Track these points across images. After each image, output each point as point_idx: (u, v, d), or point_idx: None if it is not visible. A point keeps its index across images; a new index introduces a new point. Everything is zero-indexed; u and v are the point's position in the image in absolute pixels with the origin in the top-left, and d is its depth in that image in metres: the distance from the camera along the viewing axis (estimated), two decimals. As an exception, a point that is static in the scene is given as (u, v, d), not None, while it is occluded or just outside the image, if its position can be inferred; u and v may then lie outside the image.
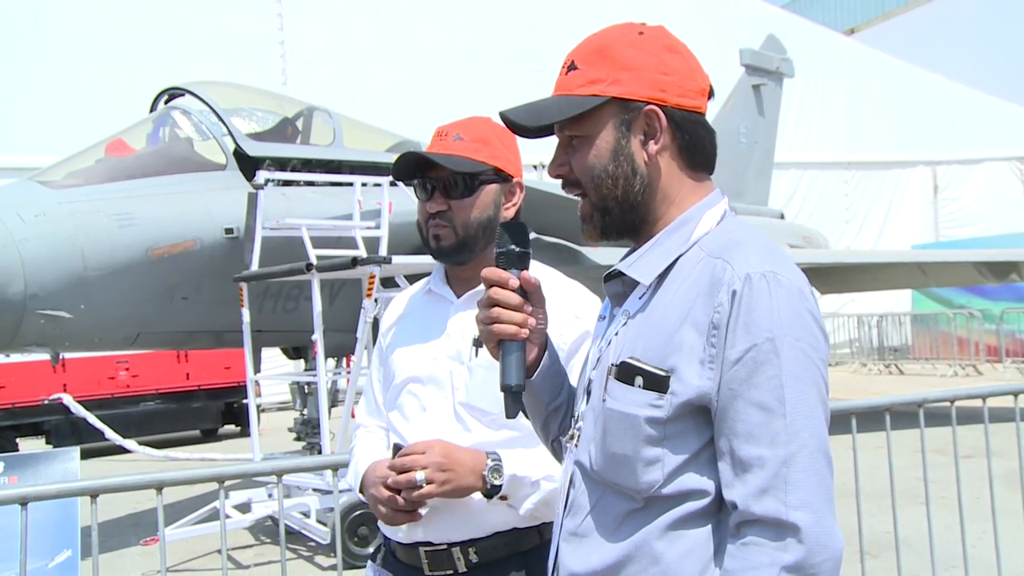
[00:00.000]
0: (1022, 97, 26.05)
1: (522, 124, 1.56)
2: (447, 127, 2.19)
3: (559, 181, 1.63)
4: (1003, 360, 18.00)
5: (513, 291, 1.60)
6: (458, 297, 2.21)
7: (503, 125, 1.60)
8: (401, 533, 2.12)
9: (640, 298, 1.53)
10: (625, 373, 1.46)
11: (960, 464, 4.16)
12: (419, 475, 1.98)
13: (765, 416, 1.36)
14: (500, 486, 2.01)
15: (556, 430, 1.77)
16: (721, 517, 1.43)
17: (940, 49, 27.76)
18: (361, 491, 2.17)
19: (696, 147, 1.55)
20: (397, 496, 2.02)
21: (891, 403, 4.11)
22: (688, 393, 1.40)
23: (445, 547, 2.08)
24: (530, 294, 1.62)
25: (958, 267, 14.13)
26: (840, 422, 4.10)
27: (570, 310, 2.11)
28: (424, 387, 2.16)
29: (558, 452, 1.77)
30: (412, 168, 2.18)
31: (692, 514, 1.43)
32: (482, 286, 1.63)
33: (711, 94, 1.58)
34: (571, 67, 1.56)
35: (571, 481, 1.59)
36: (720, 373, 1.39)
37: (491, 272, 1.61)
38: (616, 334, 1.54)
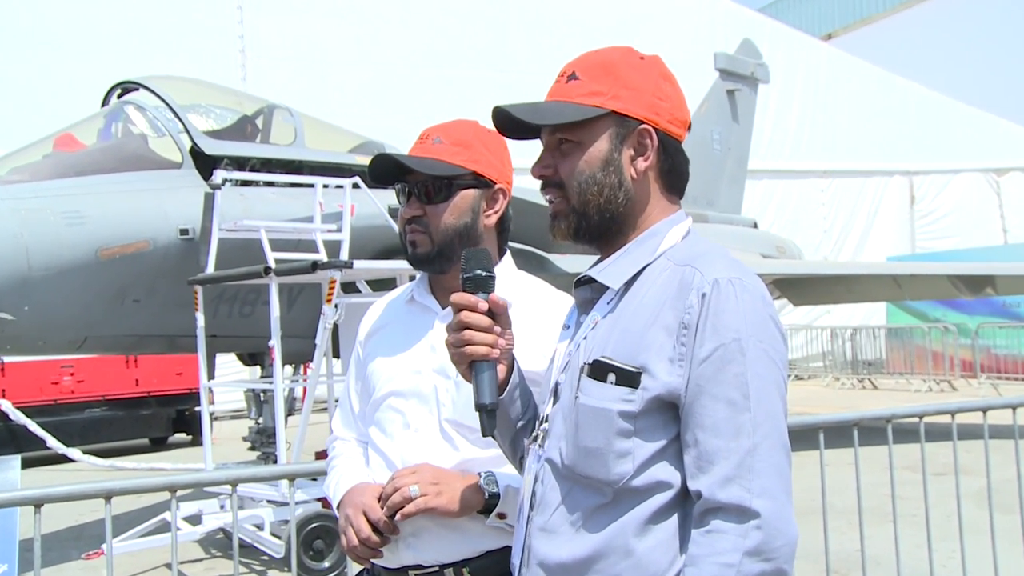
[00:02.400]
0: (1000, 107, 26.56)
1: (523, 121, 1.70)
2: (429, 130, 2.20)
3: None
4: (978, 375, 18.25)
5: (483, 314, 1.72)
6: (443, 308, 2.18)
7: (490, 128, 1.68)
8: (387, 558, 2.09)
9: (608, 303, 1.68)
10: (598, 371, 1.60)
11: (929, 481, 4.24)
12: (413, 487, 1.97)
13: (731, 410, 1.51)
14: (498, 494, 1.99)
15: (524, 447, 1.85)
16: (687, 509, 1.56)
17: (919, 56, 28.22)
18: (337, 507, 2.15)
19: (675, 172, 1.74)
20: (372, 536, 2.02)
21: (859, 418, 4.19)
22: (658, 388, 1.54)
23: (437, 569, 2.06)
24: (498, 316, 1.75)
25: (933, 280, 14.31)
26: (808, 437, 4.18)
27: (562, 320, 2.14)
28: (407, 402, 2.14)
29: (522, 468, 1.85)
30: (391, 172, 2.18)
31: (661, 508, 1.56)
32: None
33: (689, 127, 1.76)
34: (571, 77, 1.71)
35: (537, 479, 1.70)
36: (689, 370, 1.53)
37: (460, 297, 1.73)
38: (585, 337, 1.68)
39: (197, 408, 13.00)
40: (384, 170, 2.19)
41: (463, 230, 2.15)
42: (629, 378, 1.56)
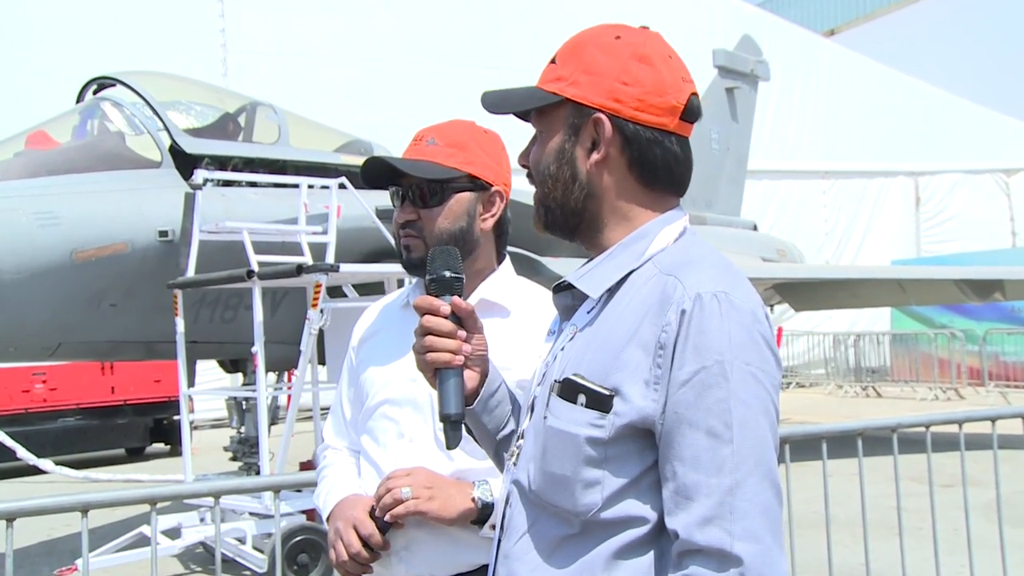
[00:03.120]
0: (1009, 106, 26.61)
1: (488, 109, 1.65)
2: (424, 131, 2.20)
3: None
4: (986, 383, 18.28)
5: (445, 317, 1.68)
6: None
7: (488, 128, 1.66)
8: (379, 572, 2.10)
9: (588, 312, 1.58)
10: (568, 390, 1.51)
11: (936, 493, 4.26)
12: (405, 489, 1.99)
13: (712, 442, 1.39)
14: (492, 504, 2.00)
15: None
16: (663, 546, 1.46)
17: (925, 53, 28.26)
18: (327, 519, 2.17)
19: (648, 165, 1.59)
20: (363, 551, 2.03)
21: (864, 427, 4.21)
22: (631, 414, 1.44)
23: None
24: (464, 320, 1.70)
25: (940, 284, 14.33)
26: (810, 447, 4.20)
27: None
28: (401, 410, 2.16)
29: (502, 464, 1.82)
30: (385, 174, 2.19)
31: (632, 543, 1.47)
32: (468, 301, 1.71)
33: (690, 114, 1.61)
34: (552, 60, 1.65)
35: (507, 500, 1.64)
36: (665, 395, 1.43)
37: (422, 300, 1.70)
38: (562, 349, 1.59)
39: (176, 417, 12.98)
40: (377, 173, 2.20)
41: (459, 234, 2.16)
42: (599, 401, 1.46)
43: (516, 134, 1.71)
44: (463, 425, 1.70)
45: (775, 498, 1.42)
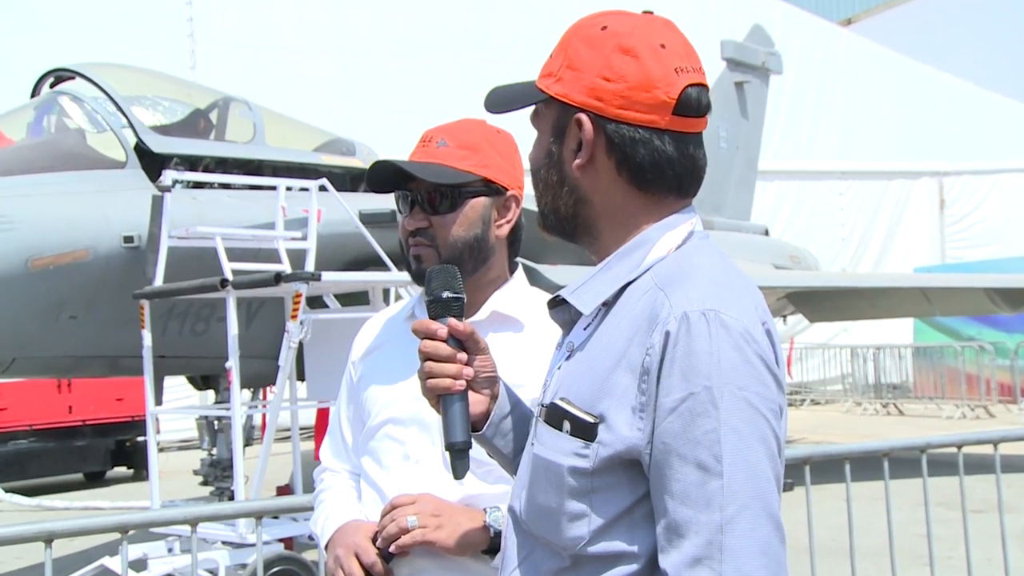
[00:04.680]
0: (1041, 100, 26.59)
1: (489, 110, 1.67)
2: (433, 131, 2.20)
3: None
4: (1018, 400, 18.30)
5: (443, 341, 1.70)
6: None
7: (500, 129, 1.67)
8: None
9: (585, 329, 1.58)
10: (553, 416, 1.51)
11: (969, 519, 4.28)
12: (411, 518, 1.99)
13: (701, 475, 1.38)
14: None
15: None
16: None
17: (950, 43, 28.19)
18: (325, 547, 2.18)
19: (635, 167, 1.56)
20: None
21: (890, 448, 4.23)
22: (617, 444, 1.44)
23: None
24: (465, 342, 1.72)
25: (967, 294, 14.37)
26: (832, 469, 4.21)
27: None
28: (406, 430, 2.16)
29: None
30: (391, 178, 2.19)
31: None
32: (477, 315, 1.76)
33: (685, 108, 1.58)
34: (551, 54, 1.65)
35: (507, 528, 1.66)
36: (652, 424, 1.42)
37: (418, 324, 1.73)
38: (559, 368, 1.60)
39: (139, 438, 12.95)
40: (383, 177, 2.20)
41: (473, 243, 2.16)
42: (584, 429, 1.46)
43: (530, 132, 1.73)
44: (469, 452, 1.71)
45: (775, 535, 1.39)
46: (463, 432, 1.67)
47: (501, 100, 1.67)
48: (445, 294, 1.72)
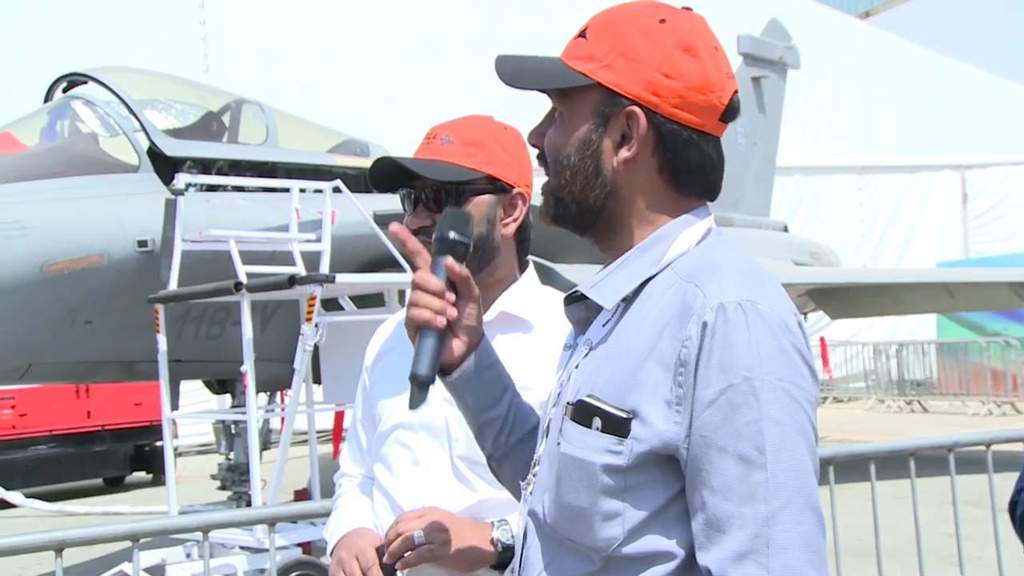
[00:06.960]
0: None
1: (503, 79, 1.61)
2: (437, 128, 2.18)
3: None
4: (1045, 397, 18.21)
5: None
6: None
7: (507, 125, 1.63)
8: None
9: (604, 325, 1.55)
10: (582, 413, 1.48)
11: (999, 519, 4.22)
12: (417, 533, 1.97)
13: (743, 468, 1.36)
14: (513, 547, 1.96)
15: (491, 447, 1.81)
16: None
17: (971, 34, 28.04)
18: (331, 552, 2.17)
19: (681, 169, 1.55)
20: None
21: (916, 446, 4.18)
22: (652, 439, 1.42)
23: None
24: (459, 286, 1.69)
25: (991, 288, 14.30)
26: (857, 468, 4.17)
27: None
28: (416, 436, 2.15)
29: (516, 491, 1.79)
30: (395, 176, 2.18)
31: None
32: (484, 316, 1.75)
33: (730, 114, 1.58)
34: (581, 34, 1.60)
35: (524, 535, 1.62)
36: (690, 417, 1.40)
37: (402, 231, 1.75)
38: (576, 367, 1.57)
39: (158, 443, 12.96)
40: (386, 175, 2.19)
41: (478, 242, 2.11)
42: (616, 425, 1.43)
43: (534, 121, 1.69)
44: (428, 387, 1.66)
45: (817, 528, 1.38)
46: (429, 367, 1.63)
47: (523, 75, 1.61)
48: (452, 234, 1.69)
